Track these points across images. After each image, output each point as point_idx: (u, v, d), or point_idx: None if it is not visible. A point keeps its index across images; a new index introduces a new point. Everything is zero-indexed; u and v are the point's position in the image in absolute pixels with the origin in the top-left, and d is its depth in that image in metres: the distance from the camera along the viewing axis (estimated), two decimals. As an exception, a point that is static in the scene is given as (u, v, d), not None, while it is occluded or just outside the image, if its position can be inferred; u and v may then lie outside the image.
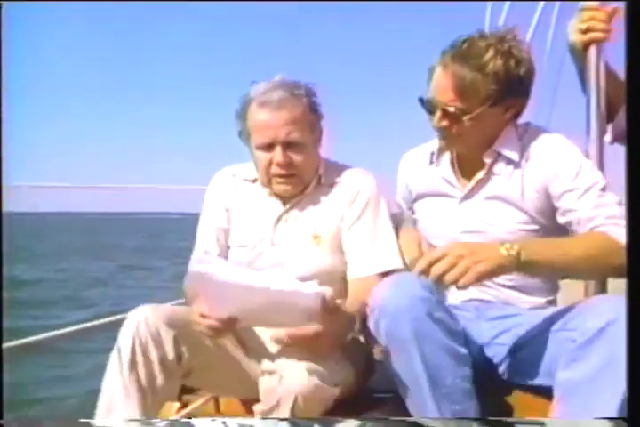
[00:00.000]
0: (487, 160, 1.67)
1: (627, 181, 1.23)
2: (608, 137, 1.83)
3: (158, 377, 1.56)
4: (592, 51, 1.75)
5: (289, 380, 1.47)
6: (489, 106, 1.57)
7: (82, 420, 1.34)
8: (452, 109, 1.58)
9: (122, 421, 1.51)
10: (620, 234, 1.44)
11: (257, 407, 1.54)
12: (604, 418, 1.33)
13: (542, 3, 3.83)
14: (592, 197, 1.53)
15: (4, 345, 1.99)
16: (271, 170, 1.75)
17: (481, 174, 1.68)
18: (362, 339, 1.77)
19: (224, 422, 1.71)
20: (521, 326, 1.61)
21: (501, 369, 1.64)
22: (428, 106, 1.63)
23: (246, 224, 1.86)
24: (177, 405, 1.95)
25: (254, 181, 1.88)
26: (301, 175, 1.77)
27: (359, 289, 1.70)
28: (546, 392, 1.45)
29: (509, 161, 1.66)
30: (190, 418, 1.92)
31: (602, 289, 1.77)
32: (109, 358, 1.58)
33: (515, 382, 1.61)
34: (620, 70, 1.77)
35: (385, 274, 1.67)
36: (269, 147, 1.72)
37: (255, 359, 1.74)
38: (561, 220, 1.59)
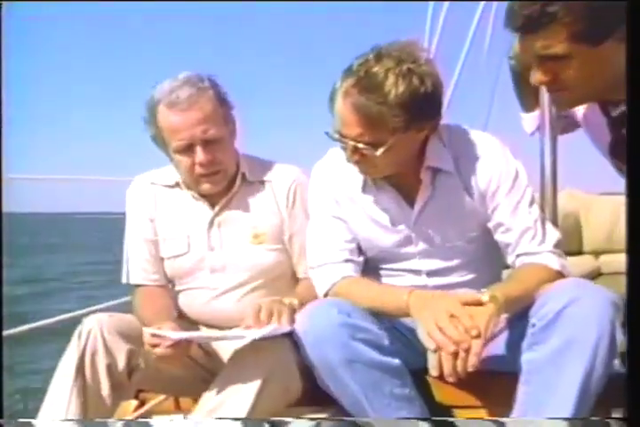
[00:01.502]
0: (425, 179, 1.62)
1: (627, 180, 1.28)
2: (531, 127, 1.94)
3: (104, 386, 1.56)
4: None
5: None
6: (401, 133, 1.49)
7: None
8: (361, 146, 1.50)
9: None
10: (552, 262, 1.54)
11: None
12: (605, 418, 1.41)
13: (483, 3, 3.96)
14: (523, 218, 1.59)
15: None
16: (195, 171, 1.71)
17: (424, 195, 1.63)
18: None
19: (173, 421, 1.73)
20: None
21: None
22: (337, 140, 1.55)
23: (177, 233, 1.81)
24: (134, 403, 1.93)
25: (175, 185, 1.83)
26: (225, 170, 1.74)
27: (307, 287, 1.73)
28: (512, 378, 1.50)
29: (446, 173, 1.62)
30: (148, 416, 1.91)
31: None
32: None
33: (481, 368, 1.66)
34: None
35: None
36: (188, 148, 1.68)
37: (216, 362, 1.75)
38: (495, 236, 1.63)
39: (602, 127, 1.54)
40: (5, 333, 1.96)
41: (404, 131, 1.48)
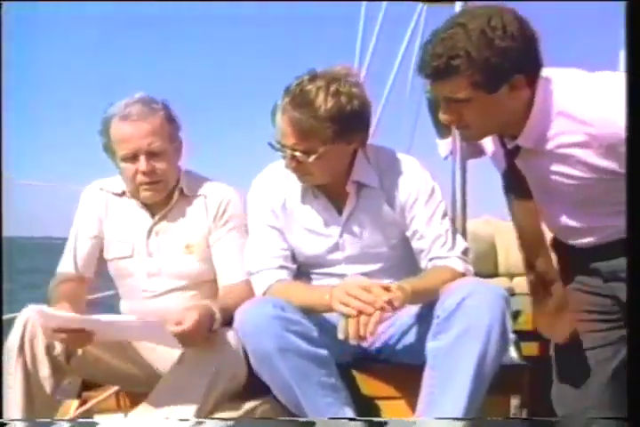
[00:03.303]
0: (351, 191, 1.82)
1: (627, 181, 1.47)
2: (444, 152, 2.18)
3: (44, 366, 1.69)
4: None
5: None
6: (331, 144, 1.69)
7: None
8: (297, 153, 1.70)
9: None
10: (457, 265, 1.76)
11: None
12: (605, 418, 1.59)
13: (407, 37, 4.22)
14: (436, 227, 1.79)
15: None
16: (137, 179, 1.87)
17: (350, 205, 1.83)
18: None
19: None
20: (400, 316, 1.83)
21: (384, 354, 1.87)
22: (277, 150, 1.76)
23: (120, 237, 1.98)
24: (76, 402, 2.02)
25: (122, 194, 1.99)
26: (165, 182, 1.90)
27: (226, 294, 1.89)
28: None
29: (370, 187, 1.82)
30: (91, 414, 2.00)
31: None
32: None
33: (399, 361, 1.84)
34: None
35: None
36: (134, 157, 1.84)
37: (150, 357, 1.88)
38: (412, 243, 1.83)
39: (501, 157, 1.79)
40: None
41: (332, 142, 1.70)
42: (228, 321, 1.70)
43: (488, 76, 1.51)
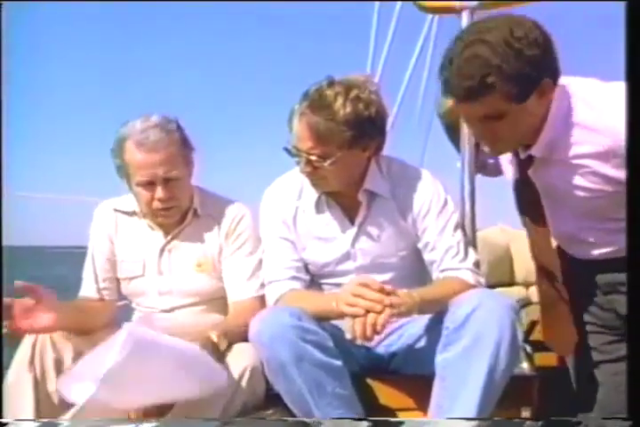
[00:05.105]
0: (363, 200, 1.84)
1: (627, 181, 1.48)
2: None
3: (52, 378, 1.69)
4: None
5: None
6: (347, 149, 1.70)
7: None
8: (313, 158, 1.72)
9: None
10: (469, 277, 1.76)
11: None
12: (605, 418, 1.57)
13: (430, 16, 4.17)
14: (448, 238, 1.80)
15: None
16: (153, 205, 1.88)
17: (362, 215, 1.85)
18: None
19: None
20: (410, 326, 1.85)
21: (394, 364, 1.88)
22: (293, 154, 1.77)
23: (133, 257, 2.00)
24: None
25: (133, 213, 2.01)
26: (180, 206, 1.92)
27: (236, 311, 1.92)
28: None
29: (382, 197, 1.84)
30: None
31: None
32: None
33: (409, 372, 1.84)
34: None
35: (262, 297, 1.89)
36: (150, 184, 1.84)
37: None
38: (424, 255, 1.84)
39: (514, 165, 1.77)
40: None
41: (348, 147, 1.72)
42: (241, 339, 1.71)
43: (520, 86, 1.49)
